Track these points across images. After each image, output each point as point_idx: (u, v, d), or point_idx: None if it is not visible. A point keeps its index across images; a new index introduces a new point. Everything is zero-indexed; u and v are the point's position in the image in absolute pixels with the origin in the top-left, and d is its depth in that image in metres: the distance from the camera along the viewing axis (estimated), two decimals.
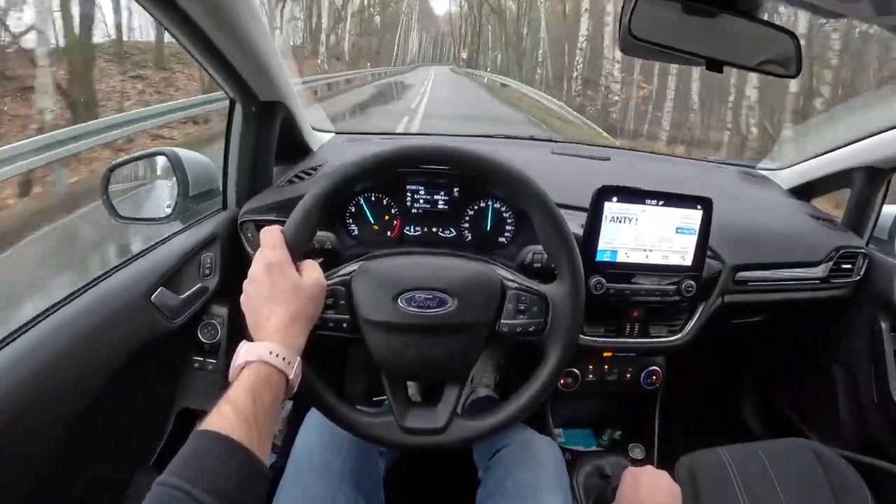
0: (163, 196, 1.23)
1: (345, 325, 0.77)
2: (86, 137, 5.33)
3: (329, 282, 0.75)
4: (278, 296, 0.68)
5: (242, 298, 0.71)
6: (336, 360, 1.62)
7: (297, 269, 0.72)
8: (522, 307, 0.78)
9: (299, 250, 0.73)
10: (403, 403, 0.79)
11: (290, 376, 0.64)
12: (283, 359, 0.64)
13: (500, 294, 0.78)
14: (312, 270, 0.72)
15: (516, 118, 14.47)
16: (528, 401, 0.78)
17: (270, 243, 0.71)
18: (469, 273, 0.79)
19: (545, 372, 0.78)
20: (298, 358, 0.67)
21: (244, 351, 0.64)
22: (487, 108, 16.70)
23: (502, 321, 0.78)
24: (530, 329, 0.77)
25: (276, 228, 0.73)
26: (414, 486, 1.24)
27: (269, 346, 0.64)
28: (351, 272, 0.78)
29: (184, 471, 0.52)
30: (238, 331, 1.10)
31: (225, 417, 0.56)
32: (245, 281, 0.71)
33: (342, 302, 0.77)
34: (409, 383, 1.33)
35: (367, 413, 0.79)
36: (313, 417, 0.98)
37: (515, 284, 0.79)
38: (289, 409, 1.44)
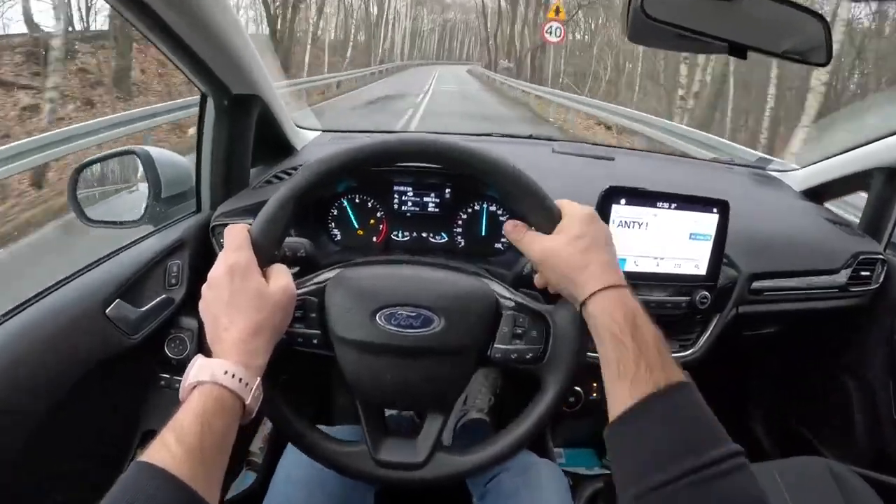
0: (140, 197, 1.16)
1: (315, 340, 0.68)
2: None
3: (300, 290, 0.67)
4: (239, 303, 0.60)
5: (201, 304, 0.63)
6: (322, 372, 1.55)
7: (264, 275, 0.63)
8: (519, 331, 0.68)
9: (267, 253, 0.65)
10: (379, 432, 0.71)
11: (247, 401, 0.56)
12: (240, 380, 0.56)
13: (495, 315, 0.69)
14: (280, 276, 0.64)
15: None
16: (519, 437, 0.69)
17: (234, 244, 0.63)
18: (459, 289, 0.70)
19: (541, 406, 0.68)
20: (258, 379, 0.58)
21: (196, 368, 0.56)
22: None
23: (495, 346, 0.68)
24: (527, 357, 0.68)
25: (241, 227, 0.65)
26: None
27: (224, 365, 0.56)
28: (325, 280, 0.70)
29: None
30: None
31: (168, 448, 0.50)
32: (204, 285, 0.63)
33: (313, 315, 0.68)
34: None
35: (338, 441, 0.71)
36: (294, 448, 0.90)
37: (512, 304, 0.70)
38: (270, 427, 1.37)
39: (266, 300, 0.61)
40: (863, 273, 1.30)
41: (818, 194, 1.55)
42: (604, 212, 0.97)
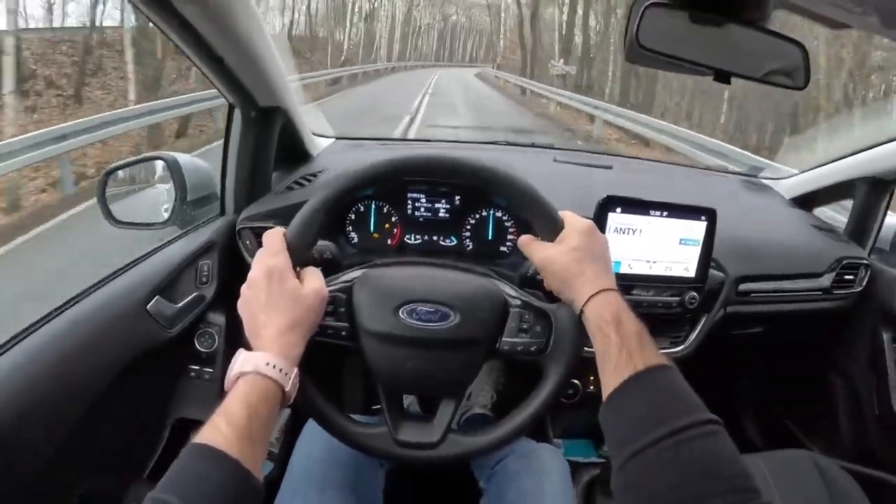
0: (162, 200, 1.22)
1: (343, 332, 0.75)
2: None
3: (330, 287, 0.74)
4: (277, 303, 0.66)
5: (240, 303, 0.69)
6: (333, 367, 1.60)
7: (298, 276, 0.69)
8: (525, 326, 0.75)
9: (301, 256, 0.71)
10: (398, 415, 0.77)
11: (287, 388, 0.63)
12: (280, 370, 0.62)
13: (503, 311, 0.76)
14: (313, 279, 0.70)
15: None
16: (524, 420, 0.76)
17: (272, 248, 0.69)
18: (473, 288, 0.77)
19: (544, 392, 0.76)
20: (296, 369, 0.65)
21: (240, 360, 0.62)
22: None
23: (503, 339, 0.76)
24: (531, 349, 0.75)
25: (278, 232, 0.71)
26: (415, 499, 1.22)
27: (265, 357, 0.62)
28: (353, 279, 0.77)
29: (176, 486, 0.51)
30: (236, 339, 1.08)
31: (219, 431, 0.55)
32: (243, 285, 0.69)
33: (342, 309, 0.75)
34: (408, 396, 1.32)
35: (362, 423, 0.78)
36: (312, 428, 0.96)
37: (519, 302, 0.77)
38: (286, 417, 1.43)
39: (300, 301, 0.67)
40: (846, 277, 1.35)
41: (807, 201, 1.60)
42: (601, 219, 1.04)
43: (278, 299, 0.66)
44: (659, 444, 0.54)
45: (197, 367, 1.10)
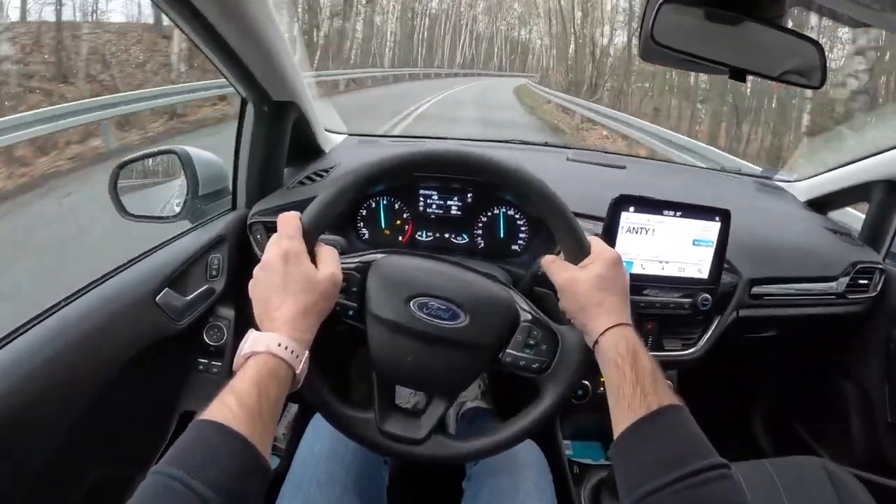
0: (174, 193, 1.23)
1: (350, 312, 0.74)
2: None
3: (345, 264, 0.73)
4: (291, 287, 0.65)
5: (252, 283, 0.68)
6: (343, 357, 1.61)
7: (313, 258, 0.68)
8: (532, 342, 0.74)
9: (314, 241, 0.70)
10: (388, 406, 0.76)
11: (298, 370, 0.62)
12: (292, 352, 0.61)
13: (513, 323, 0.75)
14: (329, 264, 0.69)
15: None
16: (512, 435, 0.75)
17: (288, 231, 0.68)
18: (487, 293, 0.75)
19: (535, 412, 0.74)
20: (307, 352, 0.64)
21: (251, 340, 0.62)
22: None
23: (508, 350, 0.74)
24: (533, 366, 0.74)
25: (294, 215, 0.70)
26: (418, 499, 1.22)
27: (277, 338, 0.61)
28: (370, 261, 0.76)
29: (182, 460, 0.50)
30: (244, 334, 1.09)
31: (228, 408, 0.54)
32: (257, 267, 0.68)
33: (354, 289, 0.74)
34: (418, 393, 1.31)
35: (351, 408, 0.76)
36: (318, 424, 0.96)
37: (529, 317, 0.76)
38: (294, 412, 1.43)
39: (314, 286, 0.66)
40: (861, 281, 1.34)
41: (821, 204, 1.59)
42: (613, 218, 1.03)
43: (293, 283, 0.65)
44: (670, 488, 0.54)
45: (205, 361, 1.10)
